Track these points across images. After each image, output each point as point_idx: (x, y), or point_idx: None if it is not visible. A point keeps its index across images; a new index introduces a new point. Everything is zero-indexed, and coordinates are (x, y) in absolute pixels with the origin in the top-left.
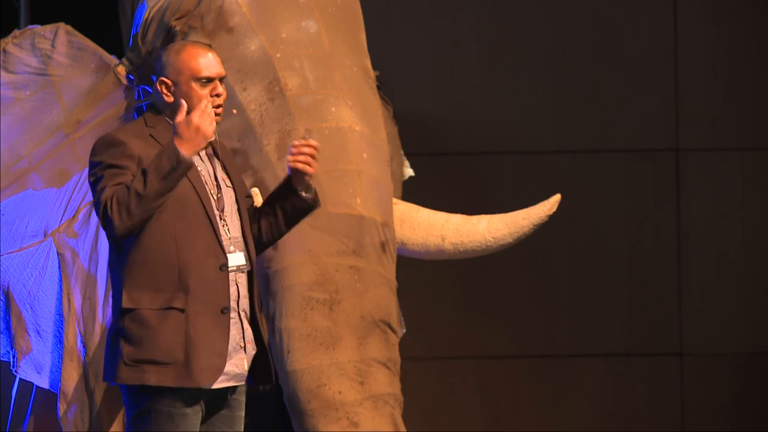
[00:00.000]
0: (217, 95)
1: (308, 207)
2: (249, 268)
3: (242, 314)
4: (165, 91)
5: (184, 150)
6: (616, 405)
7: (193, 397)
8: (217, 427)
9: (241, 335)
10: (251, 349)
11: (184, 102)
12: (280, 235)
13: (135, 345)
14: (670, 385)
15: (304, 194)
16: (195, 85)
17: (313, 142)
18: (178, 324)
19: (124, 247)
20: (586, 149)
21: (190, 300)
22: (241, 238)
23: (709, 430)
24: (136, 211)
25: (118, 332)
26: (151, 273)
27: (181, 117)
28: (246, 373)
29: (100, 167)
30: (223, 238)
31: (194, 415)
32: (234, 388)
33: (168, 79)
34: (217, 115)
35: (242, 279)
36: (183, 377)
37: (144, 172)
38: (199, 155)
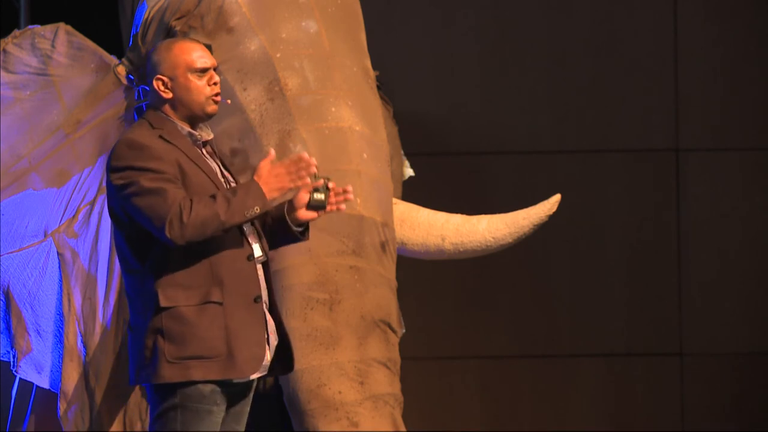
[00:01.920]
0: (215, 83)
1: (296, 239)
2: (265, 259)
3: (264, 305)
4: (162, 88)
5: (267, 194)
6: (616, 405)
7: (221, 393)
8: (228, 424)
9: (264, 326)
10: (273, 340)
11: (273, 150)
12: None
13: (177, 342)
14: (670, 385)
15: (294, 227)
16: (192, 77)
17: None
18: (217, 317)
19: (153, 251)
20: (586, 149)
21: (226, 292)
22: (254, 231)
23: (709, 430)
24: (209, 231)
25: (155, 332)
26: (184, 271)
27: (267, 161)
28: (269, 364)
29: (132, 170)
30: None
31: (219, 413)
32: (252, 383)
33: (164, 75)
34: (216, 104)
35: (261, 271)
36: (228, 369)
37: (227, 200)
38: (203, 153)
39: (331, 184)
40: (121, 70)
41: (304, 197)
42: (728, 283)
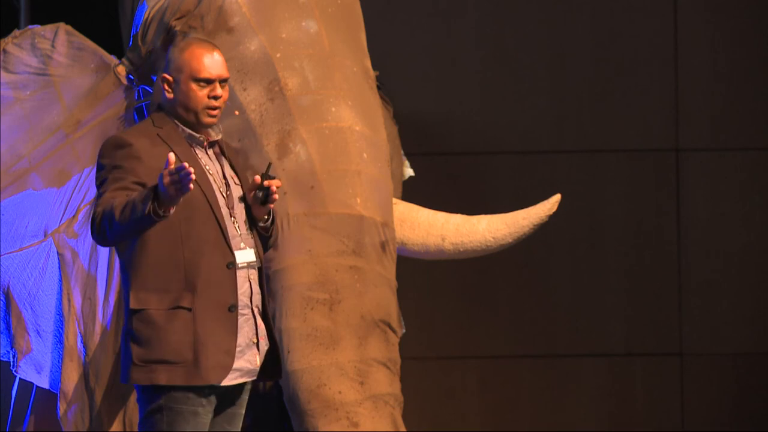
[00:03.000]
0: (215, 97)
1: (266, 232)
2: (259, 264)
3: (255, 310)
4: (166, 87)
5: (160, 201)
6: (616, 405)
7: (205, 395)
8: (219, 425)
9: (254, 331)
10: (264, 345)
11: (172, 156)
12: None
13: (144, 346)
14: (670, 385)
15: (261, 224)
16: (194, 86)
17: (277, 182)
18: (186, 323)
19: (129, 250)
20: (586, 149)
21: (197, 299)
22: (250, 235)
23: (709, 430)
24: (108, 227)
25: (128, 333)
26: (157, 274)
27: (165, 170)
28: (258, 368)
29: (106, 170)
30: (232, 235)
31: (205, 414)
32: (243, 385)
33: (170, 76)
34: (212, 117)
35: (254, 275)
36: (193, 375)
37: (129, 201)
38: (207, 154)
39: (266, 183)
40: (121, 70)
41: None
42: (728, 283)
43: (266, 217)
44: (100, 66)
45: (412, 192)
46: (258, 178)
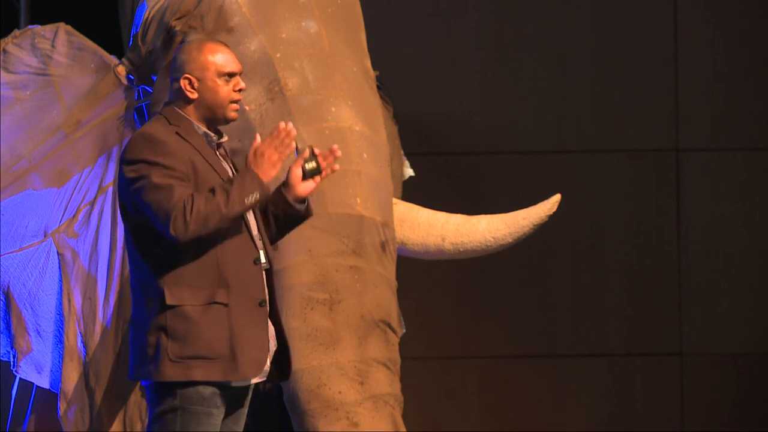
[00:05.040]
0: (240, 90)
1: (302, 217)
2: (268, 266)
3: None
4: (189, 87)
5: (263, 177)
6: (616, 405)
7: (220, 396)
8: (226, 425)
9: (267, 331)
10: (273, 346)
11: (258, 135)
12: (272, 243)
13: (180, 341)
14: (670, 385)
15: (297, 205)
16: (220, 81)
17: (335, 147)
18: (222, 318)
19: (159, 248)
20: (586, 149)
21: (231, 294)
22: (260, 236)
23: (709, 430)
24: (212, 224)
25: (159, 330)
26: (191, 270)
27: (253, 146)
28: (268, 368)
29: (144, 164)
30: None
31: (218, 415)
32: (250, 385)
33: (192, 75)
34: (236, 112)
35: (263, 276)
36: (230, 371)
37: (226, 191)
38: (217, 155)
39: (317, 151)
40: (121, 70)
41: (297, 172)
42: (728, 283)
43: (298, 202)
44: (100, 66)
45: (412, 192)
46: (307, 151)
